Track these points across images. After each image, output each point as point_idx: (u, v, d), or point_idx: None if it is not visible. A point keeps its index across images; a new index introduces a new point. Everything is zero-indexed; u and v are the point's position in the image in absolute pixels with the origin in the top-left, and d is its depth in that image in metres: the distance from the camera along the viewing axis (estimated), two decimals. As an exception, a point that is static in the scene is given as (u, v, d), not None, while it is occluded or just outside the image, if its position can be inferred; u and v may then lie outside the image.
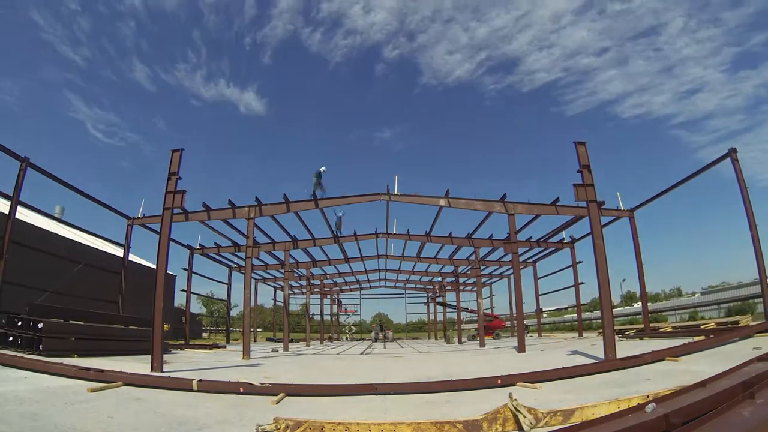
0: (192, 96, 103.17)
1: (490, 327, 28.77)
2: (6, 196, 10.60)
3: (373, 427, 3.28)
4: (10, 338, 9.07)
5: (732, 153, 11.18)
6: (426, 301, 41.22)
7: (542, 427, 3.33)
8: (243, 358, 11.99)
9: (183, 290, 22.24)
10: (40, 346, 8.68)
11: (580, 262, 21.47)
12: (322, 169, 15.10)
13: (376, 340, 34.53)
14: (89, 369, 6.02)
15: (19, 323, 9.10)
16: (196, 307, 45.40)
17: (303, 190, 15.27)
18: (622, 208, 16.27)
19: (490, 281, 34.31)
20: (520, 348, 12.74)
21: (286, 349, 18.15)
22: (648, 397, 3.57)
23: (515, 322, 15.96)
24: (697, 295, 38.95)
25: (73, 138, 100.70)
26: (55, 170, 12.05)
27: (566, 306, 33.13)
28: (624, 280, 43.15)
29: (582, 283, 21.43)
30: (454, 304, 26.97)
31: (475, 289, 26.05)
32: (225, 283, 26.29)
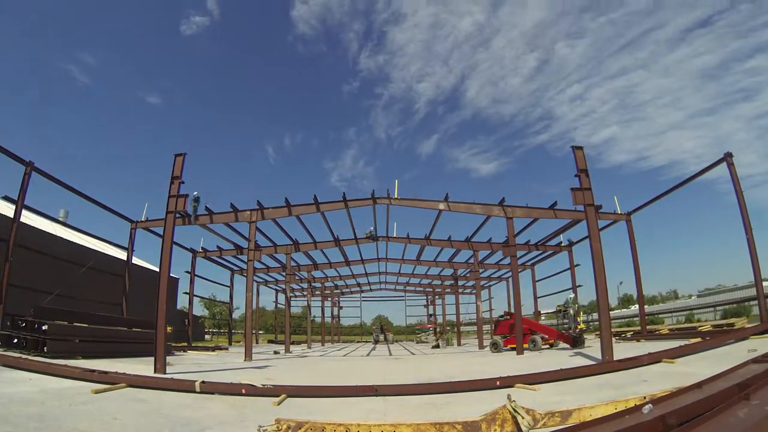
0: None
1: None
2: (11, 200, 10.68)
3: (374, 428, 3.33)
4: (15, 340, 9.11)
5: (728, 157, 11.24)
6: (426, 303, 41.19)
7: (540, 428, 3.38)
8: (245, 360, 12.03)
9: (186, 293, 22.33)
10: (45, 348, 8.71)
11: (577, 265, 21.52)
12: (195, 194, 14.71)
13: (377, 342, 34.51)
14: (93, 370, 6.07)
15: (24, 325, 9.15)
16: (199, 310, 45.41)
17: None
18: (619, 212, 16.34)
19: (488, 284, 34.27)
20: (519, 350, 12.78)
21: (287, 351, 18.19)
22: (645, 398, 3.61)
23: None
24: (693, 297, 39.02)
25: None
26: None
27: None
28: (621, 283, 43.51)
29: (580, 285, 21.48)
30: None
31: (474, 291, 26.02)
32: (227, 286, 26.36)
